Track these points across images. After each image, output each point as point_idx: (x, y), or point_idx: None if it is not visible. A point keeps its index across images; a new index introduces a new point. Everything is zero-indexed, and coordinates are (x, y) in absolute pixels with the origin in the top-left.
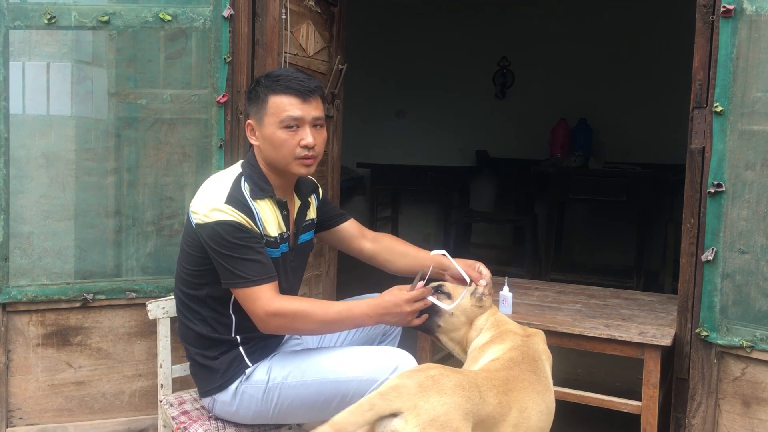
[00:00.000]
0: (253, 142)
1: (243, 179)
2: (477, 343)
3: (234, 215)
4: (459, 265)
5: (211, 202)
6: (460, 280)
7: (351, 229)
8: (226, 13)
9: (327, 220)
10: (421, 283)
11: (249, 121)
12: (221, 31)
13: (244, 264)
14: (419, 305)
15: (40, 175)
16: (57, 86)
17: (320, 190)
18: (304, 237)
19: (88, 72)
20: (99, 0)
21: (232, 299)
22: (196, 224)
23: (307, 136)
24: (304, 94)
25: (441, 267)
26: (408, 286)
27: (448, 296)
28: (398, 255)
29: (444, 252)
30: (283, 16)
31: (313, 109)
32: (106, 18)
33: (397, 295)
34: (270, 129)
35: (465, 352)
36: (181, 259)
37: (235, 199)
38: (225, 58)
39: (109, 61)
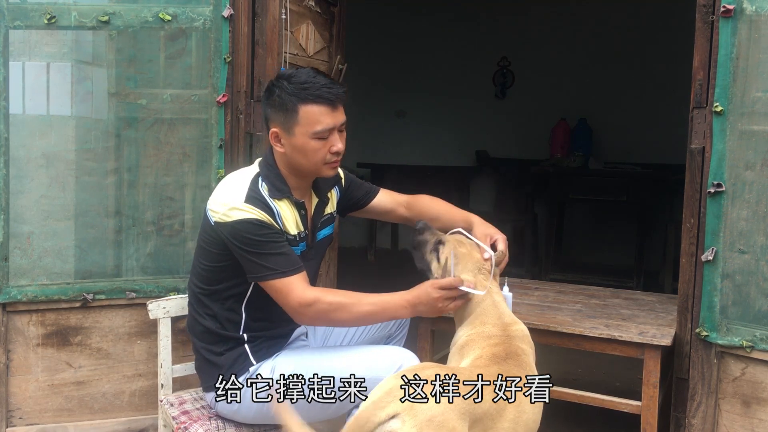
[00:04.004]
0: (278, 149)
1: (261, 179)
2: (459, 336)
3: (255, 213)
4: (476, 235)
5: (229, 201)
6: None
7: (383, 203)
8: (226, 13)
9: (356, 203)
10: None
11: (274, 129)
12: (221, 31)
13: (271, 258)
14: (451, 293)
15: (40, 175)
16: (57, 86)
17: (343, 180)
18: (323, 233)
19: (88, 72)
20: (99, 0)
21: (247, 297)
22: (215, 222)
23: (337, 142)
24: (334, 102)
25: (469, 227)
26: (439, 281)
27: (438, 259)
28: (430, 219)
29: (460, 230)
30: (283, 16)
31: (340, 115)
32: (106, 18)
33: (427, 284)
34: (302, 139)
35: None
36: (198, 254)
37: (254, 198)
38: (225, 58)
39: (109, 61)
